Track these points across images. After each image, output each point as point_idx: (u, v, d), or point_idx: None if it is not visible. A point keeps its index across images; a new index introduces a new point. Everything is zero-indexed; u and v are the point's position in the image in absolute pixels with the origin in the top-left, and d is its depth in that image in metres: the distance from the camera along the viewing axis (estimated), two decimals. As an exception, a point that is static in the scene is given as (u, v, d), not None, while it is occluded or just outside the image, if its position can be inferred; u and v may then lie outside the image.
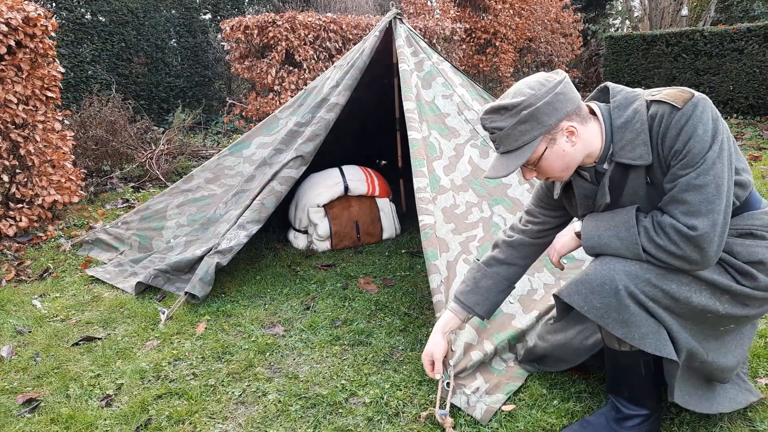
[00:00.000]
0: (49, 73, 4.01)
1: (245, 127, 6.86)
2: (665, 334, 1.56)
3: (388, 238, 3.85)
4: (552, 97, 1.51)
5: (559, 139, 1.55)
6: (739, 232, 1.58)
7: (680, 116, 1.45)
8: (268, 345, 2.49)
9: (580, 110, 1.57)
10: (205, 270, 2.91)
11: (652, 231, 1.52)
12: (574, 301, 1.60)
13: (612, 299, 1.55)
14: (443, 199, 2.73)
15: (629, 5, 13.25)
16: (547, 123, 1.52)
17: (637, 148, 1.51)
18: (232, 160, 3.66)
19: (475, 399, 1.98)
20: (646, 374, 1.70)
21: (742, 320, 1.64)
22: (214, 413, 2.04)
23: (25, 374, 2.34)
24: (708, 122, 1.44)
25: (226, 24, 6.36)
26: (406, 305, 2.84)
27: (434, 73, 3.28)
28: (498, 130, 1.56)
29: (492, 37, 9.29)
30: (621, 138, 1.54)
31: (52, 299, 3.07)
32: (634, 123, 1.52)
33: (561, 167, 1.59)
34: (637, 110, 1.53)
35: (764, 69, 7.14)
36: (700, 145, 1.43)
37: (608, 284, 1.55)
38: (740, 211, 1.59)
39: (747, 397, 1.84)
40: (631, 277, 1.54)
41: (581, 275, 1.61)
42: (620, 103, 1.56)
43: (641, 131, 1.51)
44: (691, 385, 1.71)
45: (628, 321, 1.55)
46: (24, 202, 4.03)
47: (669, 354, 1.55)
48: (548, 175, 1.63)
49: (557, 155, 1.56)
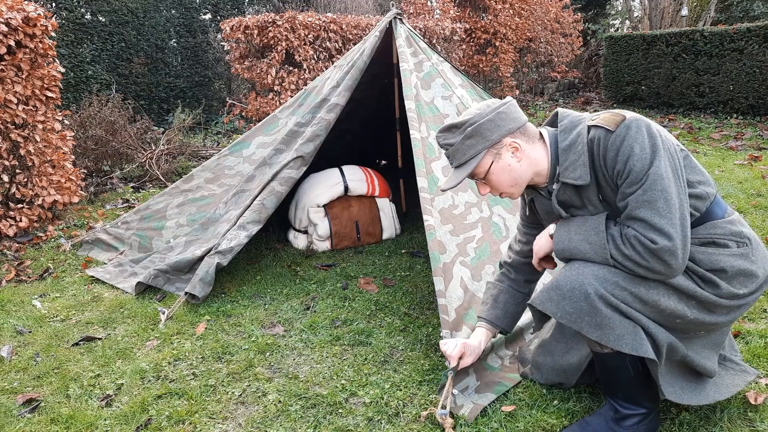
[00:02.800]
0: (49, 73, 4.01)
1: (245, 127, 6.86)
2: (641, 333, 1.59)
3: (388, 238, 3.85)
4: (495, 115, 1.68)
5: (504, 154, 1.69)
6: (702, 241, 1.63)
7: (614, 138, 1.55)
8: (268, 345, 2.49)
9: (525, 130, 1.71)
10: (206, 270, 2.91)
11: (619, 240, 1.58)
12: (547, 308, 1.65)
13: (583, 303, 1.58)
14: (441, 200, 2.73)
15: (629, 5, 13.24)
16: (490, 138, 1.67)
17: (578, 169, 1.63)
18: (232, 160, 3.67)
19: (463, 398, 1.99)
20: (635, 374, 1.71)
21: (711, 327, 1.68)
22: (214, 413, 2.05)
23: (25, 374, 2.34)
24: (644, 141, 1.53)
25: (226, 24, 6.36)
26: (406, 305, 2.84)
27: (434, 74, 3.28)
28: (449, 146, 1.73)
29: (492, 37, 9.29)
30: (565, 159, 1.66)
31: (52, 299, 3.07)
32: (577, 146, 1.64)
33: (509, 182, 1.72)
34: (580, 133, 1.64)
35: (764, 69, 7.14)
36: (640, 164, 1.52)
37: (578, 289, 1.59)
38: (702, 221, 1.64)
39: (743, 378, 1.85)
40: (600, 280, 1.57)
41: (552, 282, 1.65)
42: (566, 127, 1.69)
43: (582, 153, 1.62)
44: (681, 379, 1.73)
45: (601, 324, 1.58)
46: (24, 202, 4.03)
47: (646, 353, 1.58)
48: (499, 189, 1.75)
49: (503, 169, 1.70)
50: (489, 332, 2.09)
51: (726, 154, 5.76)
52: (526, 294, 2.06)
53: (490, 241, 2.72)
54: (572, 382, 1.99)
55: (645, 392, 1.74)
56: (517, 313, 2.09)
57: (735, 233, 1.64)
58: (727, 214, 1.67)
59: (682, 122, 7.64)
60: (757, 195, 4.26)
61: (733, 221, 1.66)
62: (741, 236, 1.64)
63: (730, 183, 4.61)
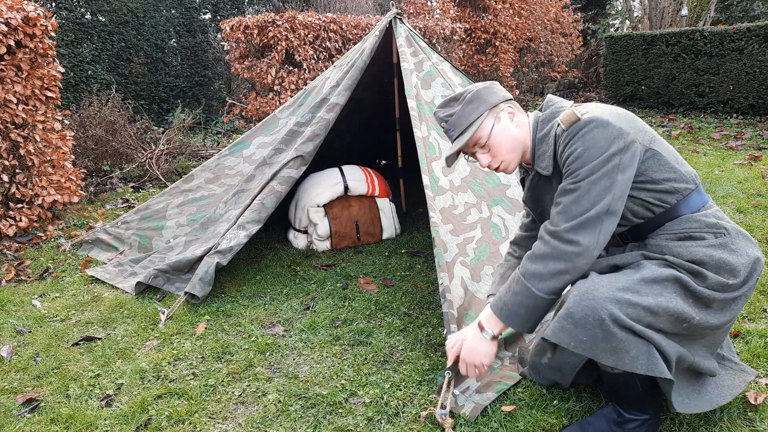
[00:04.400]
0: (49, 73, 4.01)
1: (245, 127, 6.86)
2: (655, 352, 1.57)
3: (388, 238, 3.85)
4: (489, 84, 1.83)
5: (503, 118, 1.79)
6: (678, 236, 1.66)
7: (566, 136, 1.65)
8: (268, 345, 2.49)
9: (515, 103, 1.84)
10: (205, 270, 2.91)
11: (528, 254, 1.69)
12: (560, 340, 1.60)
13: (598, 330, 1.55)
14: (442, 200, 2.73)
15: (629, 5, 13.24)
16: (490, 101, 1.78)
17: (545, 160, 1.76)
18: (232, 160, 3.66)
19: (464, 398, 1.98)
20: (643, 389, 1.71)
21: (715, 329, 1.68)
22: (214, 413, 2.04)
23: (25, 374, 2.34)
24: (591, 142, 1.59)
25: (226, 24, 6.36)
26: (406, 305, 2.84)
27: (434, 74, 3.28)
28: (450, 117, 1.81)
29: (492, 37, 9.29)
30: (539, 148, 1.78)
31: (52, 299, 3.07)
32: (549, 138, 1.74)
33: (509, 146, 1.78)
34: (553, 126, 1.74)
35: (764, 69, 7.14)
36: (579, 162, 1.60)
37: (591, 316, 1.55)
38: (675, 215, 1.67)
39: (743, 377, 1.85)
40: (612, 301, 1.55)
41: (564, 311, 1.61)
42: (546, 117, 1.79)
43: (551, 145, 1.74)
44: (686, 386, 1.73)
45: (616, 348, 1.55)
46: (24, 202, 4.03)
47: (662, 373, 1.56)
48: (499, 154, 1.79)
49: (504, 131, 1.77)
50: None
51: (726, 154, 5.76)
52: None
53: (490, 241, 2.72)
54: (568, 382, 1.97)
55: (650, 402, 1.75)
56: None
57: (711, 225, 1.66)
58: (704, 208, 1.69)
59: (682, 122, 7.64)
60: (757, 195, 4.26)
61: (708, 214, 1.68)
62: (717, 227, 1.66)
63: (730, 183, 4.61)
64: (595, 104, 1.71)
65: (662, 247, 1.66)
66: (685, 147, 6.21)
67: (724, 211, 3.67)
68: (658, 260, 1.65)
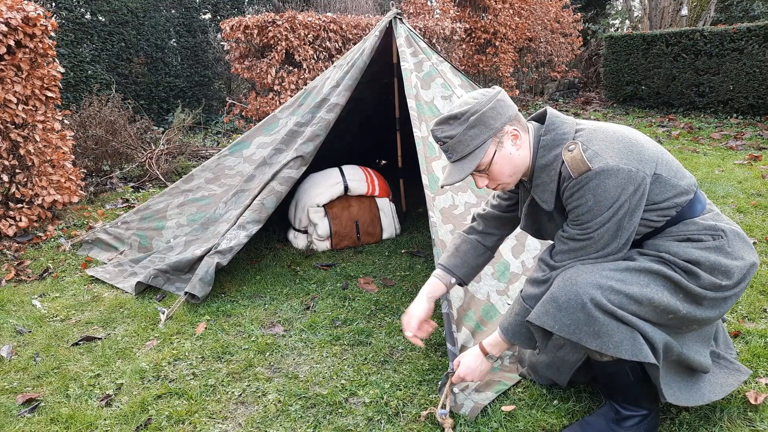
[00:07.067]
0: (49, 73, 4.01)
1: (245, 127, 6.86)
2: (640, 338, 1.59)
3: (388, 238, 3.85)
4: (495, 103, 1.65)
5: (506, 142, 1.67)
6: (677, 238, 1.67)
7: (575, 185, 1.59)
8: (268, 345, 2.49)
9: (519, 118, 1.70)
10: (205, 270, 2.91)
11: (528, 278, 1.75)
12: (544, 323, 1.63)
13: (580, 314, 1.58)
14: (442, 199, 2.74)
15: (629, 5, 13.24)
16: (494, 126, 1.65)
17: (546, 193, 1.69)
18: (232, 160, 3.66)
19: (463, 397, 1.98)
20: (635, 379, 1.72)
21: (703, 322, 1.69)
22: (214, 413, 2.04)
23: (25, 374, 2.34)
24: (603, 195, 1.56)
25: (226, 24, 6.36)
26: (406, 305, 2.84)
27: (433, 74, 3.28)
28: (449, 139, 1.66)
29: (492, 37, 9.29)
30: (539, 177, 1.69)
31: (52, 299, 3.07)
32: (550, 170, 1.66)
33: (510, 171, 1.70)
34: (557, 157, 1.65)
35: (764, 69, 7.14)
36: (589, 215, 1.59)
37: (574, 299, 1.58)
38: (677, 221, 1.68)
39: (737, 377, 1.86)
40: (595, 287, 1.57)
41: (548, 296, 1.64)
42: (548, 143, 1.68)
43: (553, 180, 1.66)
44: (678, 380, 1.74)
45: (599, 332, 1.58)
46: (24, 202, 4.03)
47: (646, 357, 1.58)
48: (499, 180, 1.72)
49: (505, 158, 1.67)
50: (442, 281, 2.03)
51: (726, 154, 5.76)
52: (490, 249, 2.04)
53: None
54: (565, 381, 1.98)
55: (645, 394, 1.75)
56: (477, 266, 2.05)
57: (709, 227, 1.67)
58: (705, 210, 1.71)
59: (682, 122, 7.64)
60: (757, 195, 4.26)
61: (707, 218, 1.69)
62: (715, 230, 1.67)
63: (730, 183, 4.61)
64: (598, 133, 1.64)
65: (659, 246, 1.67)
66: (685, 147, 6.21)
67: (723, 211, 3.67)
68: (652, 256, 1.66)
